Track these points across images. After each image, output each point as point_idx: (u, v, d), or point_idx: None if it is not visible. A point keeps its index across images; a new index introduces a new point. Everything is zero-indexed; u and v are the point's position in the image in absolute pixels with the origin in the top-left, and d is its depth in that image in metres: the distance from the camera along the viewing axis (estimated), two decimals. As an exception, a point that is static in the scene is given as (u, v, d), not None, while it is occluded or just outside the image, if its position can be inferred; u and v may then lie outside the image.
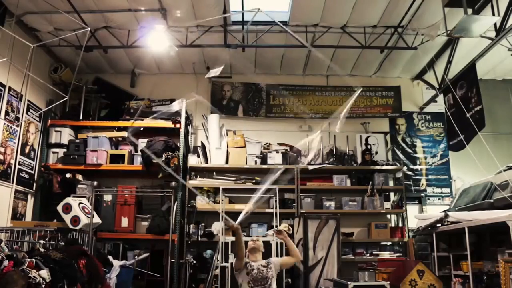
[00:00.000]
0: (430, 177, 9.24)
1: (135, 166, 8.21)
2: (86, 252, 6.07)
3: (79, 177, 8.19)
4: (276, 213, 7.13)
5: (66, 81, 8.34)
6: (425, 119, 9.54)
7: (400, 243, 8.40)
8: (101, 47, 7.97)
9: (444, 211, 7.66)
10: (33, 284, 4.66)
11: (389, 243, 8.52)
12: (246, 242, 5.20)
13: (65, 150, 8.23)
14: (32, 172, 7.87)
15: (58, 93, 7.68)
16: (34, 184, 7.93)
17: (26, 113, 7.62)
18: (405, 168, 8.98)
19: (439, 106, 9.33)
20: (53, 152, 8.26)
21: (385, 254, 8.11)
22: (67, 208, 7.00)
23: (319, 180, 8.58)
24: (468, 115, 7.63)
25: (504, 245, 6.37)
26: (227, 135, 8.74)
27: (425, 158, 9.36)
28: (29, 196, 7.81)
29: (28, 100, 7.67)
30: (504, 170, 6.86)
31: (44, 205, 7.95)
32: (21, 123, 7.43)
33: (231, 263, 6.06)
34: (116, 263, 6.97)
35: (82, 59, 7.84)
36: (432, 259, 7.97)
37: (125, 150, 8.27)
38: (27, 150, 7.69)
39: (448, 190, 9.19)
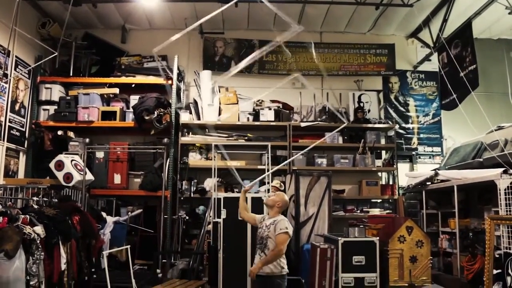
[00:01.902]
0: (421, 135, 9.31)
1: (127, 123, 8.17)
2: (80, 208, 6.13)
3: (71, 134, 8.14)
4: (268, 169, 7.17)
5: (55, 36, 8.15)
6: (419, 78, 9.51)
7: (390, 200, 8.54)
8: (90, 1, 7.76)
9: (434, 170, 7.76)
10: (28, 240, 4.72)
11: (379, 200, 8.66)
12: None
13: (56, 107, 8.14)
14: (23, 129, 7.81)
15: (46, 49, 7.54)
16: (26, 142, 7.89)
17: (15, 69, 7.48)
18: (397, 126, 9.01)
19: (433, 65, 9.28)
20: (44, 109, 8.17)
21: (375, 211, 8.28)
22: (60, 165, 7.02)
23: (311, 137, 8.60)
24: (461, 74, 7.60)
25: (491, 203, 6.50)
26: (219, 91, 8.67)
27: (417, 116, 9.40)
28: (21, 154, 7.78)
29: (16, 56, 7.51)
30: (495, 130, 6.90)
31: (36, 162, 7.95)
32: (10, 79, 7.31)
33: (223, 219, 6.12)
34: (110, 219, 7.07)
35: (70, 13, 7.65)
36: (421, 216, 8.14)
37: (116, 107, 8.20)
38: (17, 108, 7.60)
39: (439, 149, 9.28)
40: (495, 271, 5.76)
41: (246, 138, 8.38)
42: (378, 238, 5.83)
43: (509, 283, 5.47)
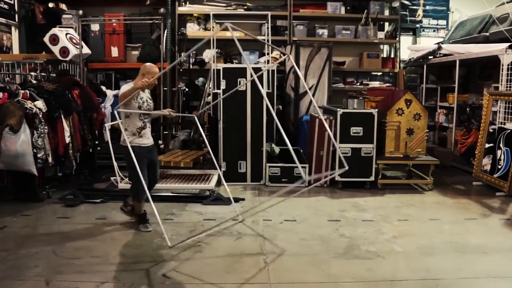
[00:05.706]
0: (427, 7, 8.92)
1: (121, -8, 7.81)
2: (79, 82, 6.12)
3: (63, 6, 7.80)
4: (267, 40, 7.02)
5: None
6: None
7: (390, 73, 8.51)
8: None
9: (438, 43, 7.60)
10: (31, 114, 4.79)
11: (379, 73, 8.62)
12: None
13: (41, -24, 7.70)
14: (11, 2, 7.39)
15: None
16: (16, 16, 7.51)
17: None
18: (402, -4, 8.63)
19: None
20: (29, -20, 7.72)
21: (375, 84, 8.27)
22: (54, 40, 6.83)
23: (313, 6, 8.30)
24: None
25: (492, 79, 6.49)
26: (217, -44, 8.16)
27: (425, -14, 8.94)
28: (13, 29, 7.48)
29: None
30: (507, 2, 6.60)
31: (30, 37, 7.67)
32: None
33: (223, 90, 6.07)
34: (110, 93, 7.09)
35: None
36: (420, 91, 8.18)
37: (108, -25, 7.77)
38: (-2, -22, 7.15)
39: (444, 22, 8.97)
40: (487, 145, 5.96)
41: (245, 7, 8.07)
42: (376, 110, 5.85)
43: (499, 156, 5.68)
